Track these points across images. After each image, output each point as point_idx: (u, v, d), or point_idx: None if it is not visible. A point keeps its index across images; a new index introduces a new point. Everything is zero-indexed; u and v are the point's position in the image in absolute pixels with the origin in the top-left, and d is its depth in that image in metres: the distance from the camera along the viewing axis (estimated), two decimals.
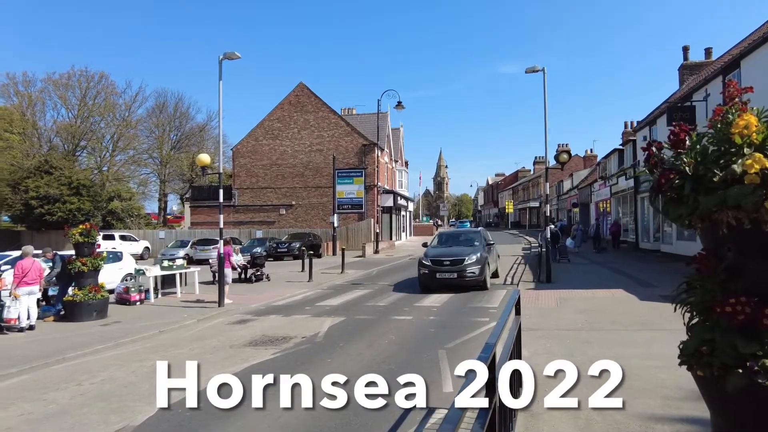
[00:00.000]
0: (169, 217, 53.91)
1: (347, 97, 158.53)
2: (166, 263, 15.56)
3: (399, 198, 42.49)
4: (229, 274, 13.79)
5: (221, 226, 13.89)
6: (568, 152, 18.39)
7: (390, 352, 8.43)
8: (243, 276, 18.48)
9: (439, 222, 76.01)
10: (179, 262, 16.17)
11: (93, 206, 36.49)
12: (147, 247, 32.35)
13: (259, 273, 18.52)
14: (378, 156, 36.49)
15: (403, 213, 48.07)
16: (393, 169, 45.96)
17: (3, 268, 13.44)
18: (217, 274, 13.97)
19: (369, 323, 10.72)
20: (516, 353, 4.46)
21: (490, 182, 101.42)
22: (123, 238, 30.68)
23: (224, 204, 14.14)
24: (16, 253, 16.54)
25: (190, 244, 28.69)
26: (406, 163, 55.70)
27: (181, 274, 15.49)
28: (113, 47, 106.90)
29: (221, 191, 13.64)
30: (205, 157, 13.90)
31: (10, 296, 10.51)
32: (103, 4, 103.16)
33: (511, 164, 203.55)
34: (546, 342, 8.30)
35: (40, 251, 12.37)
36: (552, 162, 22.17)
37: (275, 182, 38.39)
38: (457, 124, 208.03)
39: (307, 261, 19.55)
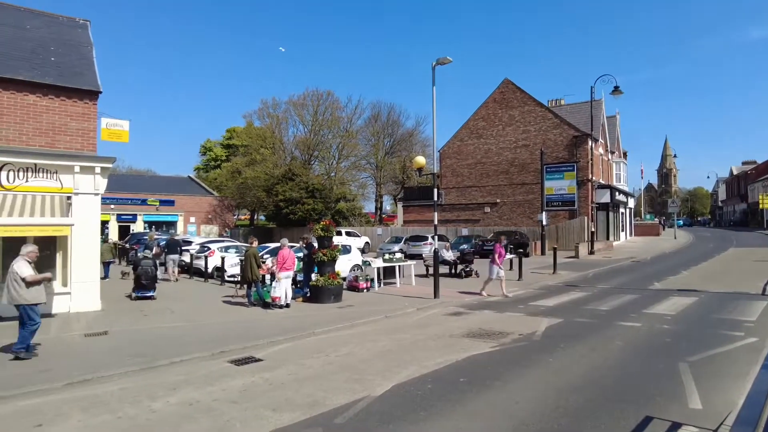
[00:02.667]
0: (384, 215, 59.14)
1: (554, 89, 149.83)
2: (387, 256, 17.12)
3: (616, 193, 38.51)
4: (495, 270, 14.16)
5: (435, 222, 14.67)
6: None
7: (617, 358, 7.79)
8: (453, 271, 19.17)
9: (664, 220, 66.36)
10: (398, 255, 17.60)
11: (324, 206, 42.27)
12: (367, 242, 36.03)
13: (468, 269, 18.95)
14: (591, 148, 33.68)
15: (621, 210, 43.44)
16: (609, 162, 41.90)
17: (265, 256, 16.62)
18: (431, 268, 14.77)
19: (590, 327, 10.05)
20: None
21: (735, 172, 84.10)
22: (348, 234, 34.72)
23: (432, 203, 14.89)
24: (273, 245, 20.30)
25: (403, 240, 30.90)
26: (625, 154, 50.15)
27: (399, 266, 16.85)
28: (337, 68, 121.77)
29: (436, 191, 14.40)
30: (421, 160, 14.91)
31: (273, 279, 12.95)
32: (332, 37, 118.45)
33: (764, 150, 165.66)
34: None
35: (296, 243, 14.87)
36: None
37: (480, 181, 38.68)
38: (685, 107, 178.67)
39: (515, 260, 19.24)
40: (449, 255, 19.71)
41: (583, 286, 16.29)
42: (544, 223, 29.89)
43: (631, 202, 50.50)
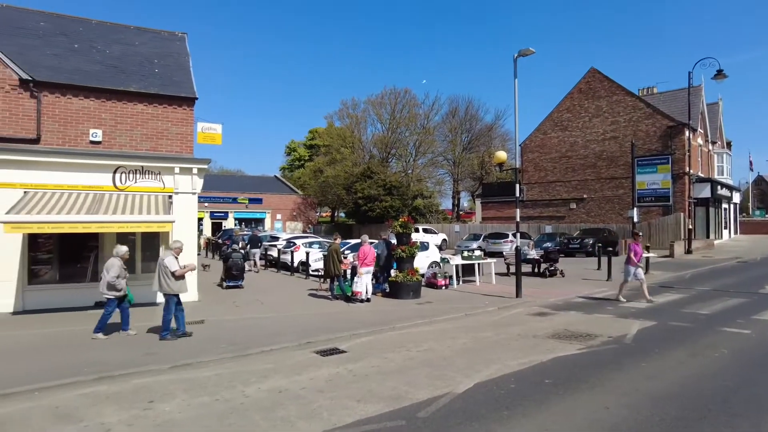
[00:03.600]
0: (461, 212, 58.47)
1: (646, 77, 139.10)
2: (465, 253, 16.94)
3: (718, 187, 35.16)
4: (631, 271, 12.72)
5: (517, 219, 14.29)
6: None
7: (721, 366, 7.16)
8: (536, 270, 18.56)
9: None
10: (477, 253, 17.34)
11: (401, 203, 42.60)
12: (445, 239, 35.81)
13: (552, 268, 18.25)
14: (688, 138, 30.97)
15: (724, 206, 39.64)
16: (709, 153, 38.36)
17: (346, 252, 17.09)
18: (512, 266, 14.40)
19: (688, 331, 9.32)
20: None
21: None
22: (425, 231, 34.73)
23: (513, 199, 14.46)
24: (354, 241, 20.83)
25: (482, 237, 30.38)
26: (728, 145, 45.64)
27: (479, 264, 16.61)
28: (417, 64, 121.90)
29: (518, 186, 14.03)
30: (502, 154, 14.56)
31: (355, 274, 13.30)
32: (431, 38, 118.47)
33: None
34: None
35: (376, 240, 15.16)
36: None
37: (564, 175, 37.02)
38: None
39: (604, 258, 18.24)
40: (533, 253, 19.10)
41: (680, 288, 15.11)
42: (636, 219, 27.98)
43: (737, 197, 45.87)
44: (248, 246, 21.24)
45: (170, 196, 12.76)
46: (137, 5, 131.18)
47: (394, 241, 14.53)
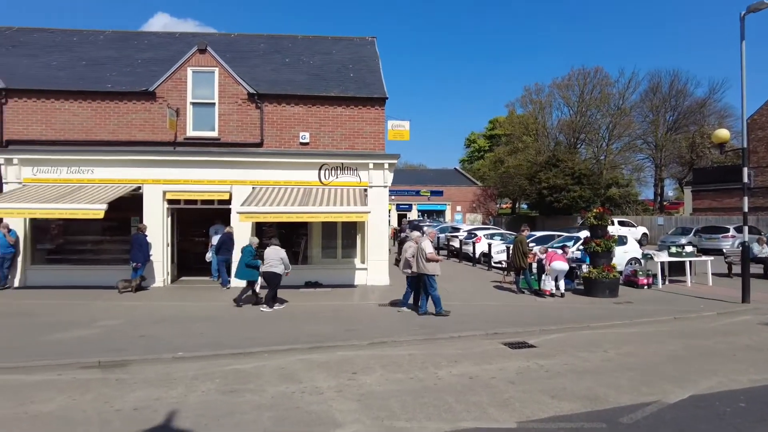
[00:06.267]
0: (665, 203, 51.24)
1: None
2: (674, 249, 14.88)
3: None
4: None
5: (745, 210, 11.96)
6: None
7: None
8: None
9: None
10: (689, 249, 15.08)
11: (592, 193, 39.23)
12: (645, 233, 31.93)
13: None
14: None
15: None
16: None
17: (530, 245, 16.46)
18: (735, 266, 12.15)
19: None
20: None
21: None
22: (621, 224, 31.40)
23: (736, 186, 12.10)
24: (539, 233, 20.00)
25: (693, 231, 26.30)
26: None
27: (690, 262, 14.43)
28: (606, 40, 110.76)
29: (745, 170, 11.72)
30: (723, 133, 12.26)
31: (542, 270, 12.80)
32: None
33: None
34: None
35: (563, 233, 14.31)
36: None
37: None
38: None
39: None
40: (766, 251, 15.85)
41: None
42: None
43: None
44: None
45: (365, 189, 13.94)
46: (333, 14, 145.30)
47: (582, 234, 13.51)
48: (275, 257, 10.66)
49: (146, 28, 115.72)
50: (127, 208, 13.43)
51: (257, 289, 11.34)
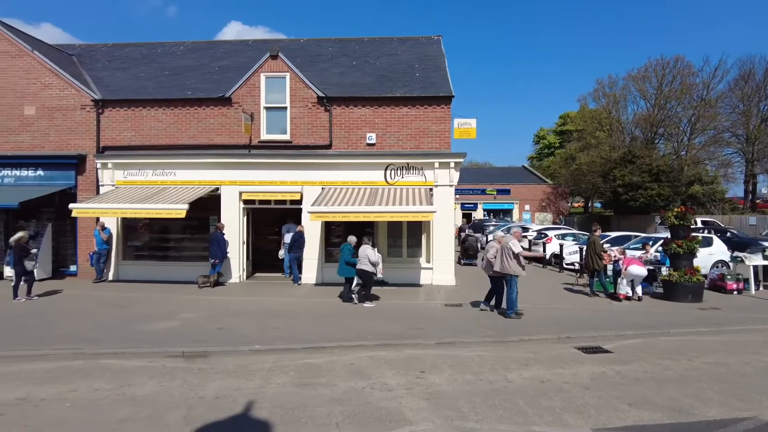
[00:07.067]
0: (758, 201, 46.87)
1: None
2: None
3: None
4: None
5: None
6: None
7: None
8: None
9: None
10: None
11: (672, 191, 36.73)
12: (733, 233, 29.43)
13: None
14: None
15: None
16: None
17: (605, 246, 15.71)
18: None
19: None
20: None
21: None
22: (705, 223, 29.19)
23: None
24: (614, 234, 19.07)
25: None
26: None
27: None
28: (688, 30, 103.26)
29: None
30: None
31: (617, 272, 12.20)
32: None
33: None
34: None
35: (640, 233, 13.54)
36: None
37: None
38: None
39: None
40: None
41: None
42: None
43: None
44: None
45: (431, 189, 13.93)
46: (399, 13, 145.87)
47: (662, 235, 12.70)
48: (363, 255, 11.09)
49: (221, 35, 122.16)
50: (206, 207, 14.28)
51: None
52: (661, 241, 13.70)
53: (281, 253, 14.80)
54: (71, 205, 13.26)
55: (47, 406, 5.39)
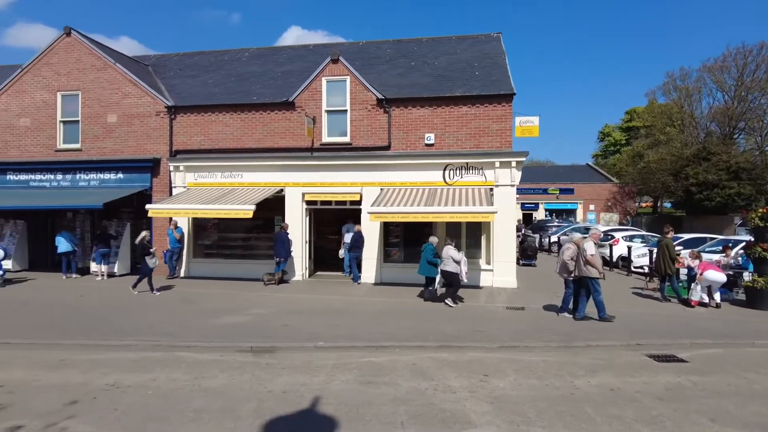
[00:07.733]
0: None
1: None
2: None
3: None
4: None
5: None
6: None
7: None
8: None
9: None
10: None
11: (754, 190, 34.05)
12: None
13: None
14: None
15: None
16: None
17: (677, 248, 14.82)
18: None
19: None
20: None
21: None
22: None
23: None
24: (687, 236, 17.96)
25: None
26: None
27: None
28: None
29: None
30: None
31: (692, 278, 11.49)
32: None
33: None
34: None
35: (714, 235, 12.68)
36: None
37: None
38: None
39: None
40: None
41: None
42: None
43: None
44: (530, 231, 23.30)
45: (491, 189, 13.71)
46: (458, 11, 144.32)
47: (744, 237, 11.81)
48: (447, 256, 11.19)
49: (282, 40, 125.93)
50: (271, 208, 14.83)
51: (437, 286, 11.92)
52: (743, 244, 12.76)
53: (341, 252, 15.11)
54: (148, 206, 14.17)
55: (133, 393, 5.82)
